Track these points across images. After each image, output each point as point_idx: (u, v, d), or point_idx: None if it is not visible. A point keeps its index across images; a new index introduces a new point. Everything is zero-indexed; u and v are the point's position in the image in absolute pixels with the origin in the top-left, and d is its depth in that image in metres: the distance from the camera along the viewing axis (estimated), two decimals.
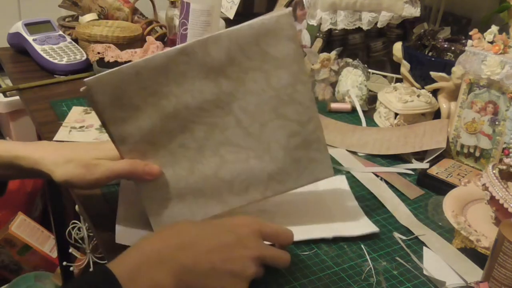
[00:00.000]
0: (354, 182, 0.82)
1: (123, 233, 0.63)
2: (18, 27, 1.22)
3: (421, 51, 1.07)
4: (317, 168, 0.65)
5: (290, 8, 0.59)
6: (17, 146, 0.64)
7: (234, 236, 0.55)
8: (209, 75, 0.59)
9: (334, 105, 1.07)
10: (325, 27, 1.12)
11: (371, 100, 1.08)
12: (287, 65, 0.60)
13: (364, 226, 0.69)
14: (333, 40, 1.25)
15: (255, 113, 0.61)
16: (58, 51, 1.18)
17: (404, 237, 0.69)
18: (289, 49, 0.59)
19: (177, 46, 0.57)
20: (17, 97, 1.47)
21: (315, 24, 1.15)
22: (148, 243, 0.53)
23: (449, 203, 0.69)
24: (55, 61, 1.15)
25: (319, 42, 1.22)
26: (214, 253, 0.53)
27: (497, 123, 0.81)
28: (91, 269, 1.31)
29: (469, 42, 0.84)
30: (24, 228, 1.62)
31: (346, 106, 1.07)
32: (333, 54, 1.11)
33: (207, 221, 0.59)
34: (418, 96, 0.96)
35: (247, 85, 0.60)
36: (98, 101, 0.57)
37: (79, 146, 0.66)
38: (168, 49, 0.58)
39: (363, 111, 1.05)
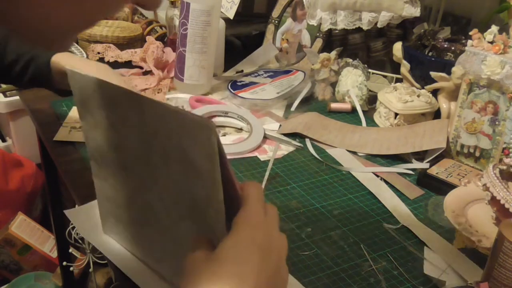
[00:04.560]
0: (354, 182, 0.82)
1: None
2: None
3: (421, 51, 1.07)
4: None
5: (213, 124, 0.41)
6: (76, 62, 0.80)
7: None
8: (142, 134, 0.50)
9: (334, 105, 1.07)
10: (325, 27, 1.12)
11: (371, 100, 1.08)
12: (204, 180, 0.44)
13: None
14: (333, 40, 1.25)
15: (174, 199, 0.51)
16: None
17: (401, 235, 0.69)
18: (207, 165, 0.43)
19: (128, 90, 0.50)
20: (17, 97, 1.47)
21: (315, 24, 1.15)
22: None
23: (449, 204, 0.69)
24: None
25: (319, 42, 1.22)
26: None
27: (497, 123, 0.81)
28: (90, 269, 1.30)
29: (469, 42, 0.84)
30: (24, 228, 1.62)
31: (346, 106, 1.07)
32: (333, 54, 1.11)
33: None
34: (418, 96, 0.96)
35: (169, 168, 0.49)
36: (73, 93, 0.55)
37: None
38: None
39: (363, 111, 1.05)
